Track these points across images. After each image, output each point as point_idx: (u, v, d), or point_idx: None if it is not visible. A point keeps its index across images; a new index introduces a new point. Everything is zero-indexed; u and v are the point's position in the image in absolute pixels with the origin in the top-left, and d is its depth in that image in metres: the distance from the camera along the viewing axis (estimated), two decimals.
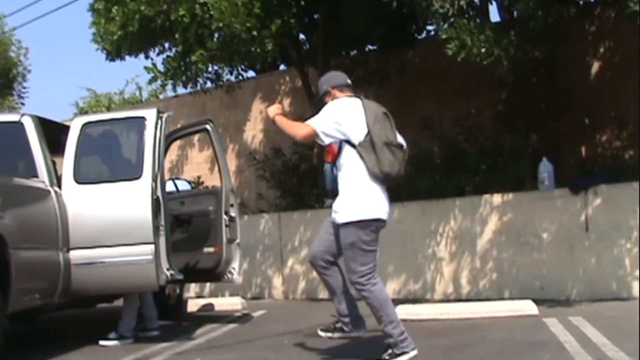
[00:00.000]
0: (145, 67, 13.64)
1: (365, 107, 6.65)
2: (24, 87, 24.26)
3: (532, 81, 12.23)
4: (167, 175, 11.66)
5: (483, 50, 9.51)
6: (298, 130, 6.83)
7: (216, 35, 12.26)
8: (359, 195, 6.59)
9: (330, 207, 6.83)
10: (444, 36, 9.80)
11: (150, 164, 8.27)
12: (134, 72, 44.67)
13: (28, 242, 7.52)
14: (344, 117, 6.63)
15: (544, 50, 10.38)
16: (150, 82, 14.28)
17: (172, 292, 10.77)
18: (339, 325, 6.86)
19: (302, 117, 14.90)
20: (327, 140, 6.67)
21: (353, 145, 6.57)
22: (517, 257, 11.03)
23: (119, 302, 9.35)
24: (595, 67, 13.00)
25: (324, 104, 6.92)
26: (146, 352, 7.92)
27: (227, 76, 14.45)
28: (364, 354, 7.04)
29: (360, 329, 6.84)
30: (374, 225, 6.62)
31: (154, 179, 8.19)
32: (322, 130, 6.62)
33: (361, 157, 6.52)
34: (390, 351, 6.55)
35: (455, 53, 9.69)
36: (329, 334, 6.94)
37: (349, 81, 7.02)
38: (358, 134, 6.55)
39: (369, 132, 6.51)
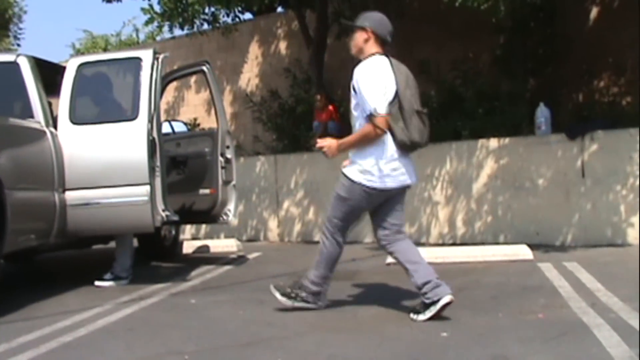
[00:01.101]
0: (142, 9, 13.54)
1: (395, 70, 6.33)
2: (20, 28, 24.22)
3: (530, 26, 12.19)
4: (163, 117, 11.66)
5: None
6: (370, 133, 6.22)
7: None
8: (375, 162, 6.28)
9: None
10: None
11: (146, 105, 8.24)
12: (131, 13, 44.43)
13: (24, 183, 7.51)
14: (384, 84, 6.25)
15: None
16: (147, 23, 14.17)
17: (167, 233, 10.81)
18: None
19: (298, 60, 14.95)
20: (386, 112, 6.24)
21: None
22: (513, 202, 11.06)
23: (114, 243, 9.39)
24: (594, 12, 12.93)
25: (350, 33, 6.67)
26: (141, 293, 7.96)
27: (224, 18, 14.38)
28: (357, 299, 7.10)
29: (446, 293, 6.23)
30: (381, 193, 6.37)
31: (150, 120, 8.17)
32: (385, 112, 6.16)
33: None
34: (294, 296, 6.67)
35: None
36: None
37: (389, 38, 6.54)
38: (389, 97, 6.22)
39: (396, 96, 6.20)
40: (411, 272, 6.35)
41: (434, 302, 6.14)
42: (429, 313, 6.15)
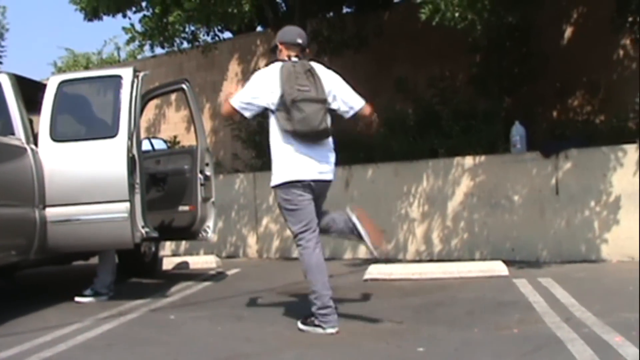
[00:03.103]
0: (124, 28, 13.57)
1: (283, 70, 6.59)
2: (2, 46, 24.02)
3: (506, 45, 12.31)
4: (143, 134, 11.70)
5: (457, 14, 9.51)
6: (222, 108, 7.01)
7: None
8: (278, 160, 6.79)
9: None
10: (417, 0, 9.78)
11: (126, 122, 8.28)
12: (112, 32, 44.41)
13: (4, 199, 7.55)
14: (260, 86, 6.65)
15: (517, 15, 10.42)
16: (128, 42, 14.21)
17: (147, 250, 10.83)
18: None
19: None
20: (247, 114, 6.78)
21: (273, 112, 6.62)
22: (489, 219, 11.16)
23: (95, 260, 9.42)
24: (569, 32, 13.09)
25: (276, 57, 6.91)
26: (121, 309, 7.99)
27: (203, 37, 14.44)
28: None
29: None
30: (294, 185, 6.66)
31: (130, 138, 8.22)
32: (239, 106, 6.70)
33: (277, 120, 6.60)
34: (310, 318, 6.60)
35: (429, 17, 9.67)
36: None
37: (299, 40, 6.86)
38: (274, 99, 6.56)
39: (282, 94, 6.49)
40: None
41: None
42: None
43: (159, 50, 14.34)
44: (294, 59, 6.76)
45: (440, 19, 9.55)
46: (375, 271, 9.90)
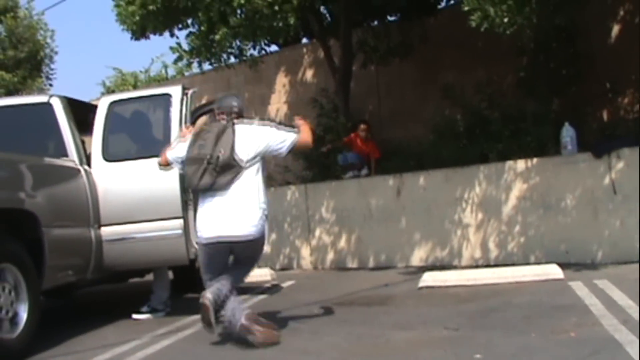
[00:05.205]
0: (171, 47, 13.69)
1: (200, 130, 7.22)
2: (52, 69, 24.50)
3: (553, 47, 12.24)
4: None
5: (506, 20, 9.48)
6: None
7: (238, 11, 12.28)
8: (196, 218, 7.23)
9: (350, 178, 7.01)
10: (466, 8, 9.77)
11: None
12: (159, 49, 44.83)
13: (60, 220, 7.67)
14: (179, 148, 7.24)
15: (564, 16, 10.37)
16: (176, 61, 14.37)
17: None
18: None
19: (324, 90, 14.99)
20: (174, 165, 7.43)
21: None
22: (542, 222, 11.07)
23: (150, 277, 9.51)
24: (616, 30, 12.98)
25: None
26: (178, 325, 8.07)
27: (250, 51, 14.50)
28: (368, 319, 7.16)
29: None
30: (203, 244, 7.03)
31: None
32: (170, 158, 7.39)
33: None
34: None
35: (478, 24, 9.67)
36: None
37: (235, 106, 7.32)
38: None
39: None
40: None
41: None
42: None
43: (206, 67, 14.44)
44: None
45: (489, 24, 9.53)
46: (429, 278, 9.88)
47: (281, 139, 7.18)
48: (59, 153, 8.44)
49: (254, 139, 7.04)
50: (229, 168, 6.80)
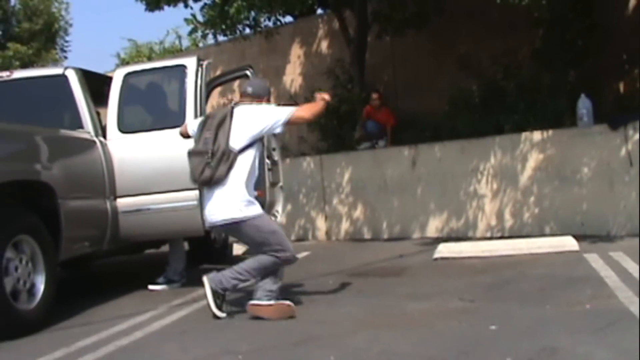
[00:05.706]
0: (185, 19, 13.67)
1: (209, 114, 7.30)
2: (66, 41, 24.61)
3: (569, 17, 12.16)
4: None
5: None
6: None
7: None
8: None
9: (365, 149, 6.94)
10: None
11: (192, 111, 8.41)
12: (173, 20, 44.77)
13: (76, 192, 7.70)
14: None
15: None
16: (191, 33, 14.35)
17: (217, 236, 10.90)
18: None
19: (339, 60, 14.92)
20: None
21: None
22: (558, 194, 11.06)
23: (166, 248, 9.55)
24: (633, 1, 12.88)
25: None
26: (194, 296, 8.08)
27: (265, 22, 14.46)
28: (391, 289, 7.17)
29: None
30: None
31: None
32: (190, 132, 7.43)
33: None
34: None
35: None
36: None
37: (248, 89, 7.27)
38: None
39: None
40: None
41: None
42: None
43: (221, 38, 14.41)
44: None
45: None
46: (445, 250, 9.91)
47: (276, 118, 7.04)
48: (75, 125, 8.44)
49: (250, 121, 6.94)
50: (225, 158, 6.77)
